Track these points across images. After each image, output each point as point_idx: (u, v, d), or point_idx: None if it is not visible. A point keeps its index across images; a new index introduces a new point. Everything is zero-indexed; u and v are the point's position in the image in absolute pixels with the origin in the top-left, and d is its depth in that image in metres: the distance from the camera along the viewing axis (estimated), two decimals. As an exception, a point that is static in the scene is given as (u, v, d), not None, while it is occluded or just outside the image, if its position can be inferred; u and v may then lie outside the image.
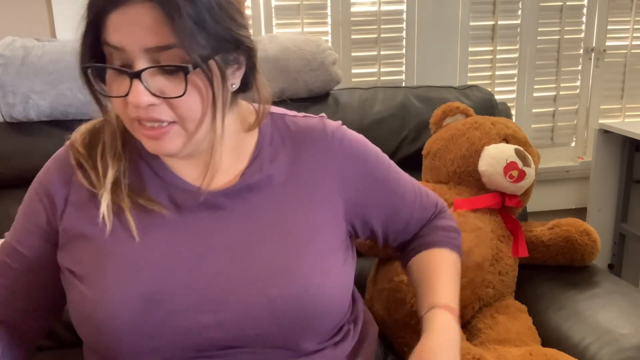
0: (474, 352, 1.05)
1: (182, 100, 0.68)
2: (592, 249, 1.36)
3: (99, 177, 0.78)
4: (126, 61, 0.69)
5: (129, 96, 0.68)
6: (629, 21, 2.02)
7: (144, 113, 0.69)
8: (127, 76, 0.68)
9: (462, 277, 1.25)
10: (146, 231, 0.77)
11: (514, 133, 1.40)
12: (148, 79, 0.68)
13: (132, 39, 0.67)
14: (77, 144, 0.82)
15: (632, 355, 1.09)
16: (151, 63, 0.68)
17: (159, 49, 0.67)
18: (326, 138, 0.86)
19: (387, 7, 1.83)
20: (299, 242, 0.79)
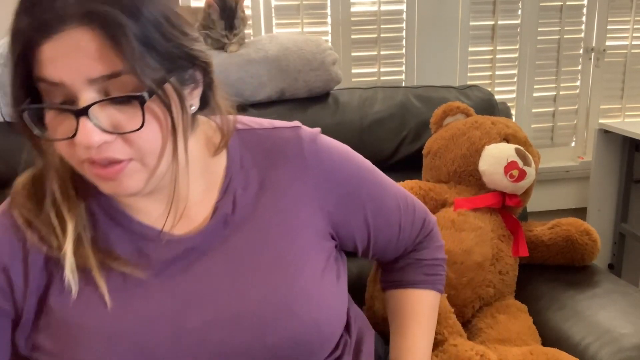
0: (477, 349, 1.05)
1: (139, 133, 0.59)
2: (592, 249, 1.36)
3: (57, 236, 0.67)
4: (68, 97, 0.58)
5: (77, 137, 0.58)
6: (629, 21, 2.02)
7: (96, 153, 0.59)
8: (72, 114, 0.58)
9: (462, 276, 1.26)
10: (118, 294, 0.67)
11: (515, 133, 1.40)
12: (97, 114, 0.58)
13: (72, 71, 0.57)
14: (20, 199, 0.69)
15: (632, 355, 1.09)
16: (99, 95, 0.58)
17: (106, 78, 0.57)
18: (303, 154, 0.77)
19: (387, 7, 1.83)
20: (288, 276, 0.72)
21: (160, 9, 0.59)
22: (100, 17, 0.56)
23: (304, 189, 0.76)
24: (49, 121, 0.61)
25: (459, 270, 1.25)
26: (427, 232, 0.93)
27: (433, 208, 1.35)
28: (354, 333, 0.86)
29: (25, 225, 0.68)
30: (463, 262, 1.25)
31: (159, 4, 0.59)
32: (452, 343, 1.09)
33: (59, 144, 0.61)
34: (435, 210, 1.35)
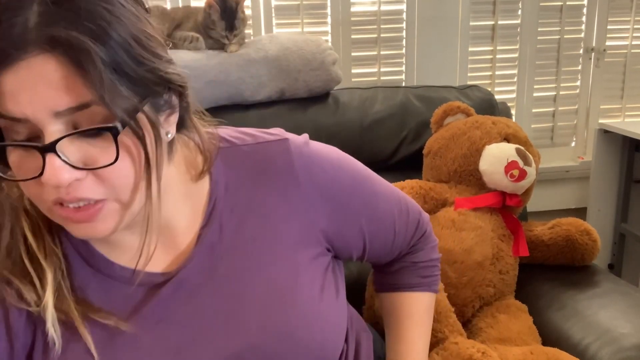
0: (478, 347, 1.06)
1: (112, 168, 0.54)
2: (592, 249, 1.36)
3: (35, 288, 0.61)
4: (33, 132, 0.53)
5: (45, 176, 0.52)
6: (629, 21, 2.02)
7: (65, 193, 0.54)
8: (38, 151, 0.52)
9: (462, 276, 1.26)
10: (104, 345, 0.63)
11: (515, 132, 1.40)
12: (65, 149, 0.52)
13: (35, 104, 0.51)
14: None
15: (632, 354, 1.09)
16: (66, 128, 0.52)
17: (74, 110, 0.51)
18: (293, 170, 0.71)
19: (387, 7, 1.83)
20: (285, 303, 0.68)
21: (130, 30, 0.53)
22: (63, 43, 0.50)
23: (294, 207, 0.71)
24: (13, 160, 0.55)
25: (459, 270, 1.25)
26: (422, 233, 0.90)
27: (433, 207, 1.35)
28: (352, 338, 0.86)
29: (2, 282, 0.61)
30: (463, 262, 1.25)
31: (128, 25, 0.53)
32: (452, 341, 1.10)
33: (26, 186, 0.55)
34: (435, 209, 1.35)
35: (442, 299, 1.16)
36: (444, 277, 1.24)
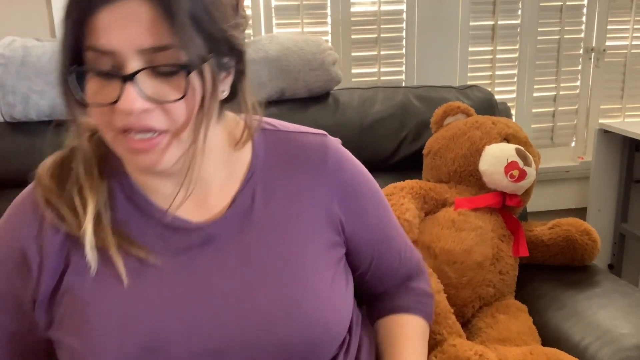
0: (476, 349, 1.05)
1: (178, 105, 0.61)
2: (592, 249, 1.36)
3: (77, 214, 0.68)
4: (114, 64, 0.60)
5: (120, 102, 0.59)
6: (629, 21, 2.02)
7: (135, 121, 0.61)
8: (119, 79, 0.59)
9: (462, 276, 1.26)
10: (134, 274, 0.68)
11: (515, 133, 1.40)
12: (141, 82, 0.60)
13: (125, 40, 0.59)
14: (44, 179, 0.71)
15: (632, 355, 1.09)
16: (144, 66, 0.60)
17: (155, 50, 0.59)
18: (326, 160, 0.78)
19: (387, 7, 1.83)
20: (298, 279, 0.72)
21: None
22: None
23: (321, 194, 0.77)
24: (90, 89, 0.62)
25: (459, 270, 1.25)
26: (422, 271, 0.95)
27: (433, 208, 1.35)
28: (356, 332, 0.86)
29: (45, 204, 0.69)
30: (463, 262, 1.25)
31: None
32: (451, 343, 1.09)
33: (99, 113, 0.62)
34: (435, 210, 1.35)
35: (441, 300, 1.16)
36: (444, 278, 1.24)
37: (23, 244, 0.69)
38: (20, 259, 0.70)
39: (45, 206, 0.69)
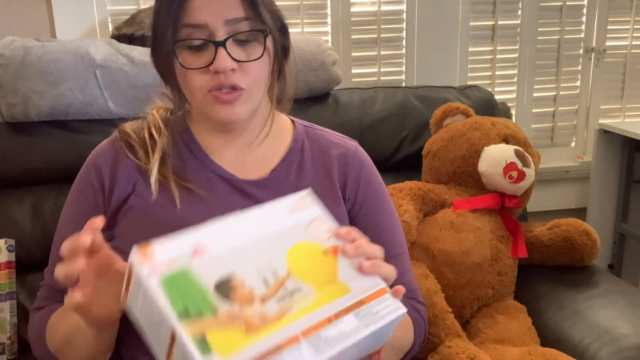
0: (468, 352, 1.06)
1: (255, 65, 0.79)
2: (591, 249, 1.36)
3: (147, 153, 0.85)
4: (207, 36, 0.77)
5: (215, 62, 0.76)
6: (629, 21, 2.01)
7: (224, 78, 0.77)
8: (213, 46, 0.77)
9: (460, 277, 1.26)
10: (185, 202, 0.83)
11: (514, 133, 1.40)
12: (228, 47, 0.77)
13: (214, 14, 0.76)
14: (124, 127, 0.89)
15: (632, 355, 1.09)
16: (228, 34, 0.77)
17: (237, 20, 0.77)
18: (354, 163, 0.92)
19: (387, 7, 1.83)
20: None
21: None
22: None
23: (345, 186, 0.91)
24: (185, 59, 0.79)
25: (458, 271, 1.25)
26: (416, 290, 0.97)
27: (432, 209, 1.35)
28: None
29: (122, 141, 0.87)
30: (462, 263, 1.25)
31: None
32: (447, 345, 1.10)
33: (192, 77, 0.79)
34: (434, 211, 1.35)
35: (438, 301, 1.16)
36: (442, 279, 1.24)
37: (102, 169, 0.87)
38: (99, 180, 0.86)
39: (122, 142, 0.87)
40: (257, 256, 0.64)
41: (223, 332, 0.58)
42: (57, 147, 1.36)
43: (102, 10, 1.63)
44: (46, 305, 0.88)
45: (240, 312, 0.60)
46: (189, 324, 0.57)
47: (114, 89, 1.36)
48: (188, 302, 0.58)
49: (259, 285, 0.62)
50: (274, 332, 0.60)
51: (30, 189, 1.36)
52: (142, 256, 0.59)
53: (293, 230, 0.68)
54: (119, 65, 1.36)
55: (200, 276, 0.60)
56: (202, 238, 0.63)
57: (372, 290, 0.67)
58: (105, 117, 1.38)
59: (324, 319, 0.63)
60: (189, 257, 0.61)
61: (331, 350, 0.61)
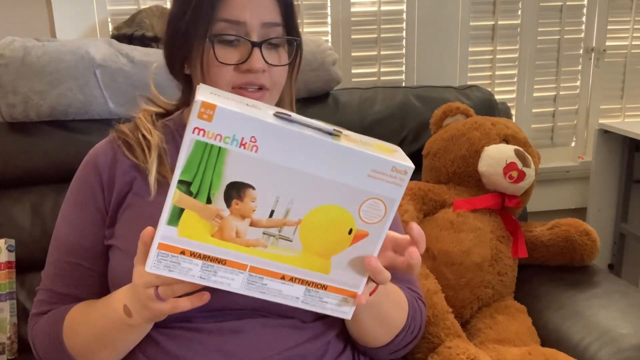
0: (469, 353, 1.06)
1: (281, 70, 0.83)
2: (591, 249, 1.36)
3: (144, 152, 0.85)
4: (243, 33, 0.80)
5: (249, 61, 0.79)
6: (629, 21, 2.01)
7: (254, 78, 0.80)
8: (249, 45, 0.79)
9: (460, 277, 1.26)
10: None
11: (514, 133, 1.40)
12: (263, 49, 0.80)
13: (253, 14, 0.79)
14: (120, 127, 0.90)
15: (632, 355, 1.09)
16: (263, 37, 0.80)
17: (272, 24, 0.81)
18: None
19: (387, 7, 1.83)
20: None
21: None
22: None
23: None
24: (217, 53, 0.79)
25: (458, 271, 1.25)
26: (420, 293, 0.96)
27: (432, 209, 1.35)
28: None
29: (120, 140, 0.88)
30: (462, 263, 1.25)
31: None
32: (447, 345, 1.10)
33: (220, 70, 0.80)
34: (434, 211, 1.35)
35: (438, 301, 1.16)
36: (443, 279, 1.24)
37: (100, 168, 0.87)
38: (97, 179, 0.87)
39: (119, 141, 0.88)
40: (290, 187, 0.60)
41: (197, 220, 0.61)
42: (57, 147, 1.36)
43: (102, 10, 1.63)
44: (49, 309, 0.87)
45: (226, 218, 0.61)
46: (182, 194, 0.60)
47: (114, 89, 1.36)
48: (197, 178, 0.59)
49: (264, 210, 0.61)
50: (232, 250, 0.62)
51: (30, 189, 1.36)
52: (203, 109, 0.56)
53: (349, 193, 0.62)
54: (119, 65, 1.36)
55: (229, 165, 0.59)
56: (265, 134, 0.58)
57: (342, 286, 0.67)
58: (105, 117, 1.38)
59: (279, 273, 0.64)
60: (238, 142, 0.58)
61: (259, 295, 0.65)
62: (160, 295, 0.65)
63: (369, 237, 0.64)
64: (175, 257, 0.61)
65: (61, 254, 0.88)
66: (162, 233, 0.60)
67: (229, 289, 0.64)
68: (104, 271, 0.86)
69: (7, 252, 1.28)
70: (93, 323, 0.79)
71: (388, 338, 0.86)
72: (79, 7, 1.60)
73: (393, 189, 0.62)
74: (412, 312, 0.89)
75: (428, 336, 1.12)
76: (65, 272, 0.87)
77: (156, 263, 0.61)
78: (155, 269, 0.62)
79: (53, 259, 0.89)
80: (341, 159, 0.60)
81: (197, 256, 0.62)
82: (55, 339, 0.82)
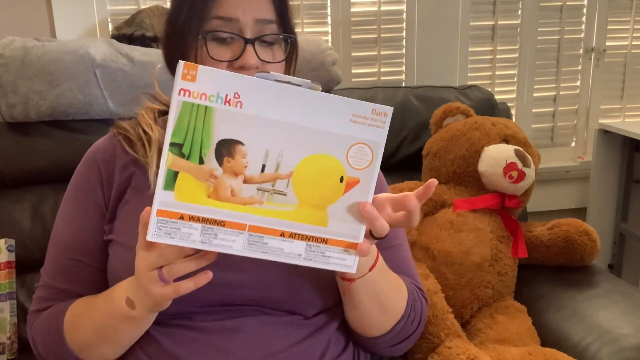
0: (469, 353, 1.06)
1: (274, 66, 0.81)
2: (591, 249, 1.36)
3: (144, 147, 0.86)
4: (235, 32, 0.79)
5: (243, 58, 0.79)
6: (629, 21, 2.01)
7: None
8: (242, 42, 0.79)
9: (460, 277, 1.26)
10: None
11: (514, 133, 1.40)
12: (257, 46, 0.80)
13: (247, 11, 0.79)
14: (120, 123, 0.90)
15: (632, 355, 1.09)
16: (257, 34, 0.80)
17: (266, 21, 0.80)
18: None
19: (387, 7, 1.83)
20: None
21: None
22: None
23: None
24: (209, 49, 0.79)
25: (458, 271, 1.25)
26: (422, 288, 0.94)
27: (432, 209, 1.35)
28: None
29: (120, 135, 0.89)
30: (462, 263, 1.25)
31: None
32: (447, 345, 1.09)
33: (218, 67, 0.78)
34: (434, 211, 1.35)
35: (438, 301, 1.16)
36: (442, 279, 1.24)
37: (99, 164, 0.88)
38: (97, 175, 0.88)
39: (120, 137, 0.88)
40: (278, 139, 0.62)
41: (192, 182, 0.61)
42: (57, 147, 1.36)
43: (102, 10, 1.63)
44: (49, 305, 0.87)
45: (219, 177, 0.62)
46: (175, 157, 0.60)
47: (114, 88, 1.36)
48: (187, 139, 0.61)
49: (255, 166, 0.62)
50: (229, 210, 0.63)
51: (30, 189, 1.36)
52: (186, 70, 0.59)
53: (334, 139, 0.64)
54: (119, 65, 1.36)
55: (216, 123, 0.61)
56: (247, 90, 0.61)
57: (342, 238, 0.66)
58: (105, 117, 1.38)
59: (279, 230, 0.64)
60: (222, 99, 0.60)
61: (261, 255, 0.64)
62: (164, 276, 0.65)
63: (361, 183, 0.65)
64: (174, 222, 0.62)
65: (60, 250, 0.88)
66: (160, 199, 0.61)
67: (231, 252, 0.64)
68: (103, 267, 0.86)
69: (7, 252, 1.28)
70: (94, 318, 0.79)
71: (388, 324, 0.85)
72: (79, 7, 1.60)
73: (376, 131, 0.64)
74: (411, 300, 0.87)
75: (428, 336, 1.12)
76: (64, 268, 0.87)
77: (157, 231, 0.61)
78: (157, 237, 0.61)
79: (52, 256, 0.89)
80: (322, 107, 0.62)
81: (196, 219, 0.62)
82: (55, 335, 0.82)
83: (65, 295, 0.87)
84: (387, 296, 0.83)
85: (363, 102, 0.63)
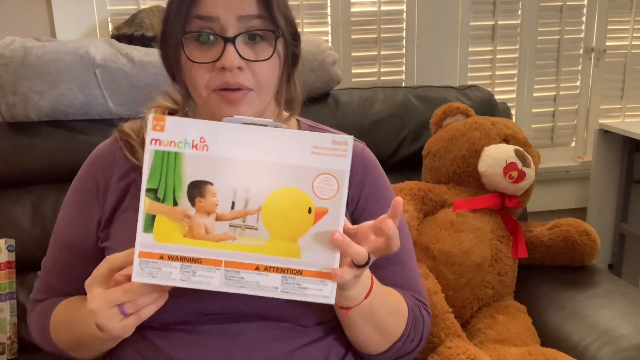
0: (469, 353, 1.05)
1: (263, 66, 0.76)
2: (591, 249, 1.36)
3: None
4: (216, 31, 0.75)
5: (222, 59, 0.74)
6: (629, 21, 2.01)
7: (230, 77, 0.75)
8: (222, 42, 0.74)
9: (460, 277, 1.26)
10: None
11: (514, 133, 1.40)
12: (238, 45, 0.75)
13: (228, 8, 0.74)
14: (123, 127, 0.88)
15: (632, 355, 1.09)
16: (242, 30, 0.75)
17: (250, 17, 0.75)
18: (359, 158, 0.89)
19: (387, 7, 1.83)
20: None
21: None
22: None
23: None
24: (189, 52, 0.76)
25: (458, 271, 1.25)
26: (424, 296, 0.92)
27: (432, 209, 1.35)
28: None
29: (122, 140, 0.86)
30: (462, 263, 1.25)
31: None
32: (447, 345, 1.09)
33: (198, 74, 0.76)
34: (434, 211, 1.35)
35: (438, 301, 1.16)
36: (443, 279, 1.24)
37: (98, 170, 0.86)
38: (94, 182, 0.86)
39: (122, 142, 0.86)
40: (244, 177, 0.65)
41: (168, 224, 0.66)
42: (57, 147, 1.36)
43: (102, 10, 1.63)
44: (44, 298, 0.90)
45: (193, 217, 0.66)
46: (151, 201, 0.65)
47: (114, 88, 1.36)
48: (161, 184, 0.65)
49: (225, 204, 0.65)
50: (204, 247, 0.66)
51: (30, 189, 1.36)
52: (155, 122, 0.64)
53: (299, 172, 0.66)
54: (119, 65, 1.36)
55: (186, 167, 0.65)
56: (212, 133, 0.65)
57: (316, 269, 0.67)
58: (105, 117, 1.38)
59: (253, 264, 0.66)
60: (189, 145, 0.65)
61: (239, 289, 0.67)
62: (126, 311, 0.66)
63: (329, 213, 0.66)
64: (155, 262, 0.65)
65: (57, 248, 0.90)
66: (141, 241, 0.65)
67: (210, 288, 0.66)
68: None
69: (7, 252, 1.28)
70: (71, 327, 0.81)
71: (385, 345, 0.84)
72: (79, 7, 1.60)
73: (338, 161, 0.66)
74: (412, 320, 0.86)
75: (428, 336, 1.12)
76: (58, 267, 0.89)
77: (140, 271, 0.65)
78: (140, 277, 0.65)
79: (51, 252, 0.90)
80: (284, 142, 0.65)
81: (175, 258, 0.66)
82: (45, 332, 0.86)
83: (57, 293, 0.89)
84: (384, 320, 0.82)
85: (323, 134, 0.66)
